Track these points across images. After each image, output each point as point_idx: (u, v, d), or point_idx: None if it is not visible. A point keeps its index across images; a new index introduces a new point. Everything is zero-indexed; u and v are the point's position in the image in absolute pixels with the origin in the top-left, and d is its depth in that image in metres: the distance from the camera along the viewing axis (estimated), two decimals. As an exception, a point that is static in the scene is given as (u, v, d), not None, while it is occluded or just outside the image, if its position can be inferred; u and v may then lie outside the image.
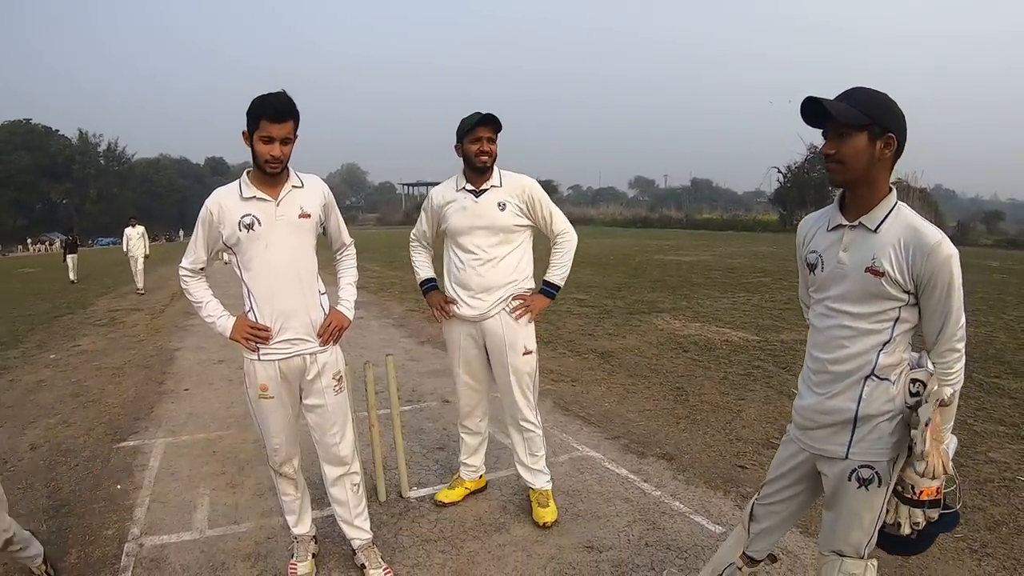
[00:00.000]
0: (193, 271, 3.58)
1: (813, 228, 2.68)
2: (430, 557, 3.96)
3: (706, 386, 7.30)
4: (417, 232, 4.57)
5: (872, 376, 2.45)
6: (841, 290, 2.49)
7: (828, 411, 2.54)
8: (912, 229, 2.36)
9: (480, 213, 4.15)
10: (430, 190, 4.58)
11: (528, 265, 4.31)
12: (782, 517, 2.89)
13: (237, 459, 5.66)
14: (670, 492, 4.70)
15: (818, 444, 2.59)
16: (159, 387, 8.31)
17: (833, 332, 2.53)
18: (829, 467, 2.57)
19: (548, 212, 4.26)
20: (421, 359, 9.16)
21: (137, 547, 4.26)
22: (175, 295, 17.47)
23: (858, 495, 2.51)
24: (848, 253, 2.47)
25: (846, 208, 2.53)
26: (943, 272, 2.32)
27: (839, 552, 2.63)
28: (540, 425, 4.42)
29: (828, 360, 2.54)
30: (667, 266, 20.26)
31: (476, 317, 4.21)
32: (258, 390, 3.48)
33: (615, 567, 3.78)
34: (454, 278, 4.29)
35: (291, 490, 3.77)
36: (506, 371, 4.27)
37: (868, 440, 2.46)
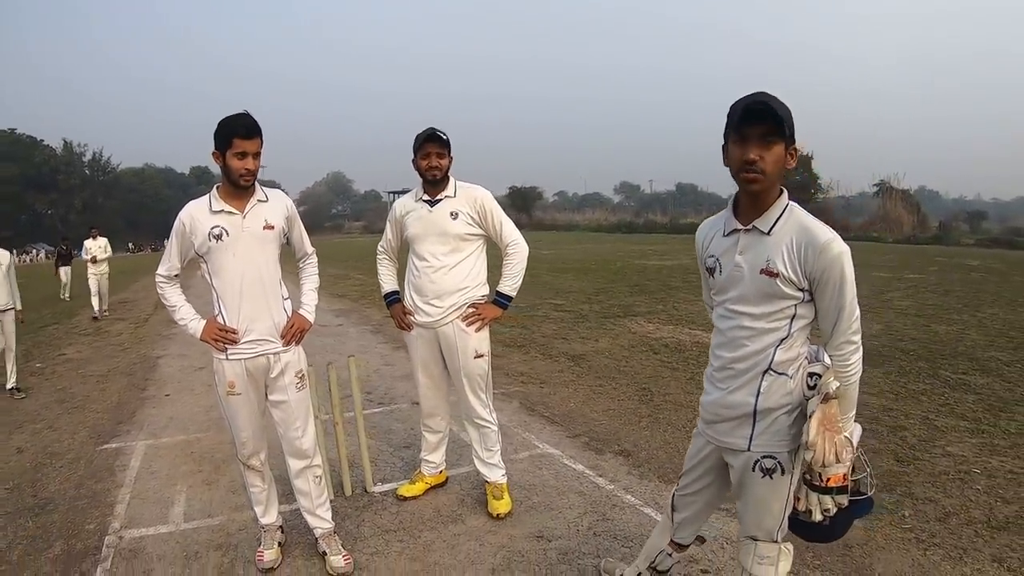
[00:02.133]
0: (168, 278, 3.88)
1: (710, 233, 2.83)
2: (388, 546, 4.20)
3: (672, 386, 7.50)
4: (383, 242, 4.82)
5: (769, 371, 2.58)
6: (739, 292, 2.62)
7: (729, 405, 2.69)
8: (803, 229, 2.49)
9: (433, 221, 4.39)
10: (394, 203, 4.81)
11: (481, 273, 4.53)
12: (699, 506, 3.09)
13: (214, 458, 5.89)
14: (623, 486, 4.91)
15: (722, 437, 2.76)
16: (141, 393, 8.52)
17: (734, 332, 2.67)
18: (734, 459, 2.74)
19: (499, 222, 4.46)
20: (395, 364, 9.34)
21: (117, 539, 4.50)
22: (159, 304, 17.52)
23: (763, 484, 2.66)
24: (744, 256, 2.59)
25: (740, 212, 2.66)
26: (834, 269, 2.42)
27: (753, 537, 2.79)
28: (495, 422, 4.65)
29: (730, 359, 2.69)
30: (647, 271, 20.41)
31: (431, 324, 4.46)
32: (226, 387, 3.78)
33: (562, 555, 4.01)
34: (411, 284, 4.54)
35: (258, 482, 4.04)
36: (459, 373, 4.50)
37: (768, 432, 2.61)
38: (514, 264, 4.51)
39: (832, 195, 51.68)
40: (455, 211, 4.37)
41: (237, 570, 4.04)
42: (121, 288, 22.90)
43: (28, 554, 4.40)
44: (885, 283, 16.03)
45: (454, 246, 4.40)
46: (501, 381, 7.53)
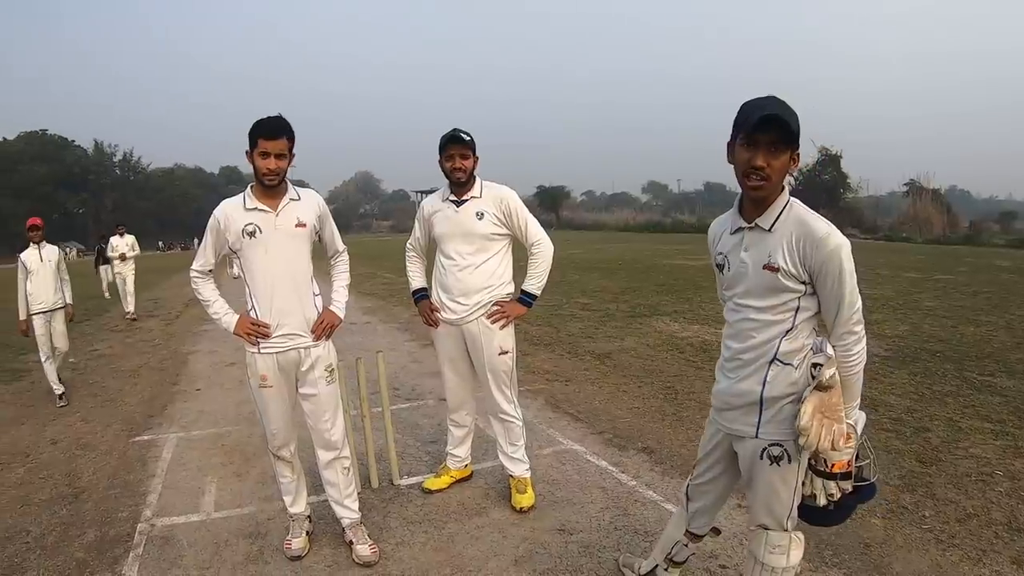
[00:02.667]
0: (202, 273, 4.03)
1: (719, 232, 2.93)
2: (413, 536, 4.30)
3: (697, 385, 7.51)
4: (412, 240, 4.91)
5: (775, 361, 2.66)
6: (745, 287, 2.72)
7: (738, 393, 2.77)
8: (802, 224, 2.56)
9: (460, 222, 4.48)
10: (422, 201, 4.90)
11: (506, 272, 4.60)
12: (713, 495, 3.16)
13: (244, 451, 6.03)
14: (645, 482, 4.97)
15: (731, 424, 2.84)
16: (173, 387, 8.71)
17: (742, 325, 2.77)
18: (742, 446, 2.82)
19: (524, 222, 4.53)
20: (423, 360, 9.42)
21: (149, 527, 4.65)
22: (190, 301, 17.73)
23: (771, 471, 2.72)
24: (748, 253, 2.69)
25: (745, 210, 2.74)
26: (833, 261, 2.50)
27: (764, 526, 2.85)
28: (520, 417, 4.74)
29: (738, 349, 2.78)
30: (674, 270, 20.40)
31: (457, 321, 4.55)
32: (259, 380, 3.90)
33: (583, 548, 4.08)
34: (439, 282, 4.63)
35: (288, 472, 4.17)
36: (484, 369, 4.59)
37: (775, 421, 2.68)
38: (539, 263, 4.57)
39: (861, 195, 51.38)
40: (481, 211, 4.45)
41: (266, 558, 4.16)
42: (152, 286, 23.12)
43: (62, 540, 4.55)
44: (913, 284, 15.88)
45: (480, 245, 4.48)
46: (527, 378, 7.59)
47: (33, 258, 8.23)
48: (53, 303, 8.35)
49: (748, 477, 2.86)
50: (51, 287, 8.33)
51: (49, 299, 8.30)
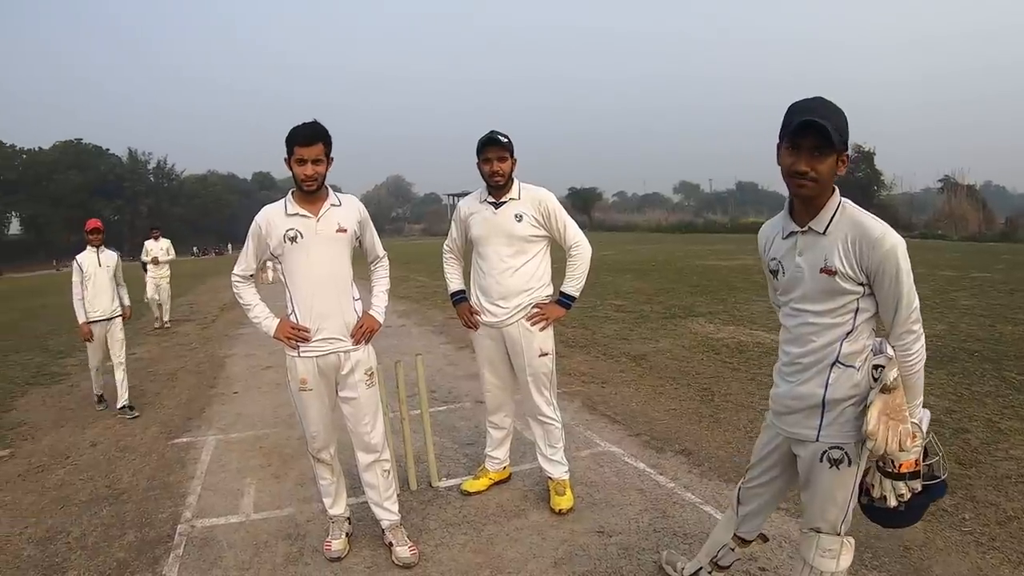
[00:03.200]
0: (244, 277, 4.07)
1: (771, 236, 2.90)
2: (453, 538, 4.31)
3: (733, 387, 7.46)
4: (448, 242, 4.92)
5: (837, 363, 2.63)
6: (802, 292, 2.69)
7: (799, 396, 2.74)
8: (857, 225, 2.54)
9: (498, 224, 4.48)
10: (458, 202, 4.91)
11: (545, 273, 4.60)
12: (765, 499, 3.13)
13: (282, 453, 6.07)
14: (683, 484, 4.94)
15: (792, 428, 2.80)
16: (210, 390, 8.81)
17: (801, 329, 2.73)
18: (802, 449, 2.78)
19: (562, 224, 4.52)
20: (459, 363, 9.48)
21: (189, 528, 4.70)
22: (225, 306, 17.95)
23: (830, 475, 2.70)
24: (803, 257, 2.66)
25: (796, 214, 2.71)
26: (889, 261, 2.47)
27: (817, 529, 2.82)
28: (559, 419, 4.73)
29: (798, 354, 2.75)
30: (708, 271, 20.30)
31: (497, 323, 4.55)
32: (299, 383, 3.93)
33: (622, 550, 4.07)
34: (477, 284, 4.64)
35: (327, 474, 4.19)
36: (524, 371, 4.59)
37: (837, 424, 2.65)
38: (578, 265, 4.56)
39: (896, 192, 50.84)
40: (520, 213, 4.45)
41: (305, 559, 4.18)
42: (188, 290, 23.29)
43: (103, 540, 4.61)
44: (950, 282, 15.65)
45: (519, 248, 4.48)
46: (563, 380, 7.56)
47: (90, 261, 7.92)
48: (111, 311, 8.02)
49: (806, 480, 2.83)
50: (108, 294, 7.98)
51: (106, 306, 7.97)
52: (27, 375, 10.55)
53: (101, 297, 7.93)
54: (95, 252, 8.00)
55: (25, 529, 4.87)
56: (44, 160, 78.00)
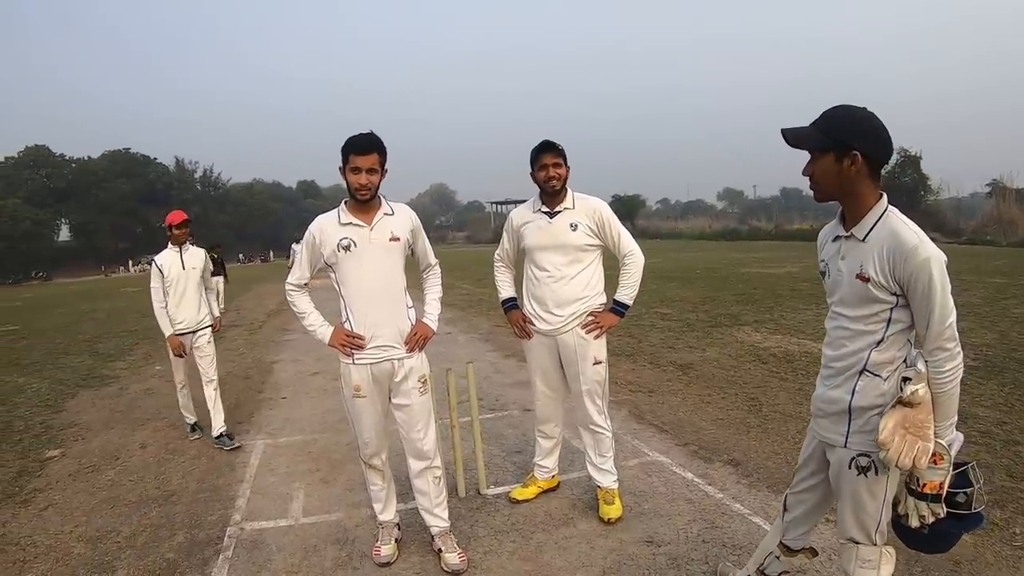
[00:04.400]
0: (298, 286, 4.12)
1: (824, 240, 2.92)
2: (501, 545, 4.32)
3: (781, 397, 7.39)
4: (500, 251, 4.93)
5: (865, 371, 2.65)
6: (840, 295, 2.73)
7: (829, 400, 2.78)
8: (893, 235, 2.53)
9: (554, 233, 4.47)
10: (510, 211, 4.92)
11: (599, 282, 4.59)
12: (809, 505, 3.13)
13: (331, 459, 6.11)
14: (732, 495, 4.90)
15: (823, 432, 2.84)
16: (258, 395, 8.89)
17: (836, 332, 2.77)
18: (833, 454, 2.80)
19: (617, 233, 4.51)
20: (505, 371, 9.48)
21: (238, 531, 4.76)
22: (271, 312, 18.08)
23: (858, 481, 2.71)
24: (844, 262, 2.69)
25: (845, 220, 2.73)
26: (922, 274, 2.45)
27: (852, 539, 2.82)
28: (610, 429, 4.72)
29: (831, 356, 2.79)
30: (753, 279, 20.15)
31: (551, 332, 4.55)
32: (352, 390, 3.98)
33: (671, 560, 4.04)
34: (531, 293, 4.64)
35: (378, 480, 4.23)
36: (578, 379, 4.58)
37: (863, 431, 2.66)
38: (631, 274, 4.56)
39: (943, 196, 50.09)
40: (575, 223, 4.44)
41: (354, 563, 4.22)
42: (234, 296, 23.39)
43: (152, 540, 4.69)
44: (1000, 289, 15.32)
45: (574, 257, 4.48)
46: (610, 389, 7.15)
47: (172, 263, 6.81)
48: (197, 322, 6.97)
49: (836, 487, 2.84)
50: (195, 301, 6.93)
51: (192, 316, 6.91)
52: (77, 377, 10.73)
53: (187, 305, 6.86)
54: (177, 252, 6.85)
55: (75, 528, 4.96)
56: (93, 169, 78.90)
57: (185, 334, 6.88)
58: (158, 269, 6.81)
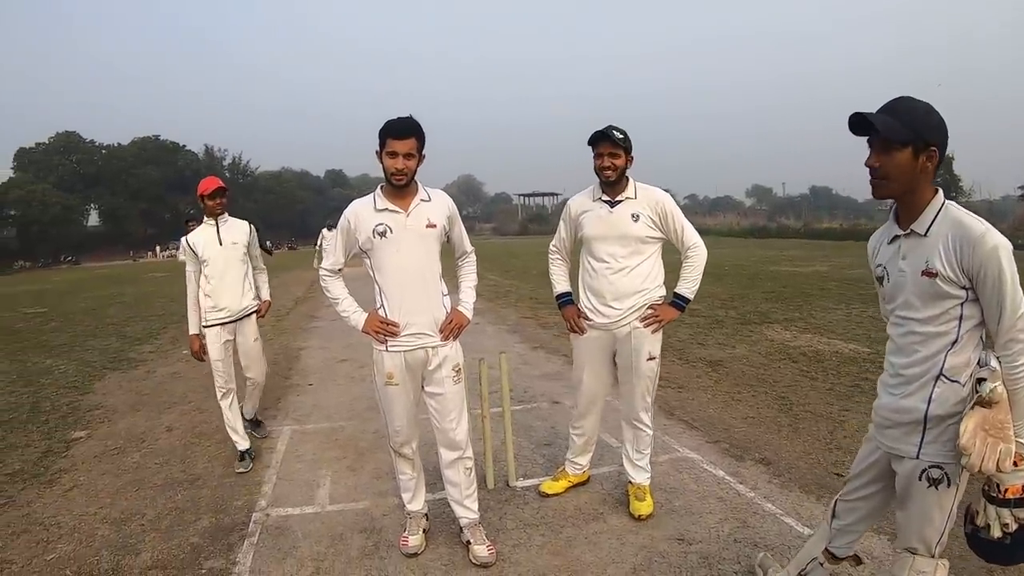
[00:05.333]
0: (332, 272, 4.07)
1: (877, 243, 2.82)
2: (530, 539, 4.26)
3: (811, 396, 7.29)
4: (556, 241, 4.81)
5: (941, 377, 2.52)
6: (905, 297, 2.60)
7: (901, 410, 2.64)
8: (958, 224, 2.44)
9: (614, 223, 4.36)
10: (568, 199, 4.80)
11: (659, 275, 4.48)
12: (862, 514, 3.03)
13: (357, 446, 6.08)
14: (763, 494, 4.82)
15: (892, 443, 2.70)
16: (285, 381, 8.86)
17: (904, 339, 2.64)
18: (901, 466, 2.67)
19: (680, 226, 4.41)
20: (534, 363, 9.42)
21: (264, 516, 4.74)
22: (299, 299, 18.10)
23: (928, 494, 2.59)
24: (906, 261, 2.58)
25: (900, 217, 2.64)
26: (991, 262, 2.37)
27: (912, 550, 2.72)
28: (651, 427, 4.63)
29: (901, 365, 2.66)
30: (782, 277, 19.95)
31: (608, 326, 4.44)
32: (385, 377, 3.93)
33: (702, 559, 3.98)
34: (587, 285, 4.53)
35: (408, 469, 4.19)
36: (630, 374, 4.48)
37: (939, 442, 2.54)
38: (694, 267, 4.46)
39: (974, 198, 49.47)
40: (636, 213, 4.34)
41: (381, 553, 4.17)
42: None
43: (177, 524, 4.68)
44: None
45: (634, 248, 4.37)
46: None
47: (208, 239, 5.75)
48: (242, 307, 5.91)
49: (902, 498, 2.73)
50: (238, 283, 5.85)
51: (235, 301, 5.83)
52: (105, 360, 10.80)
53: (228, 289, 5.78)
54: (213, 226, 5.81)
55: (100, 509, 4.97)
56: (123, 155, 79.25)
57: (226, 324, 5.80)
58: (190, 249, 5.68)
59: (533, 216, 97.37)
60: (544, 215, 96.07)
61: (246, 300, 5.93)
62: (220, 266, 5.73)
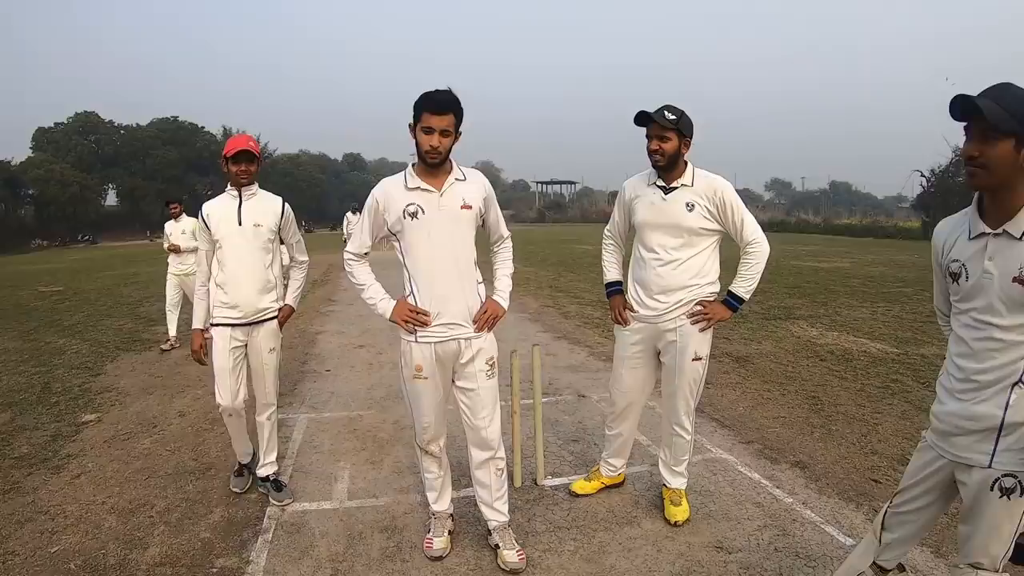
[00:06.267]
0: (357, 256, 3.83)
1: (952, 235, 2.60)
2: (562, 544, 4.05)
3: (842, 397, 7.11)
4: (611, 226, 4.55)
5: (1020, 383, 2.36)
6: (987, 301, 2.41)
7: (973, 417, 2.46)
8: None
9: (666, 211, 4.06)
10: (624, 182, 4.47)
11: (713, 270, 4.18)
12: (915, 527, 2.84)
13: (377, 438, 5.89)
14: (802, 500, 4.63)
15: (959, 452, 2.53)
16: (302, 367, 8.68)
17: (981, 344, 2.45)
18: (969, 476, 2.51)
19: (739, 218, 4.08)
20: (557, 354, 9.22)
21: (279, 511, 4.54)
22: (315, 282, 17.98)
23: (1000, 505, 2.44)
24: (993, 262, 2.38)
25: (986, 214, 2.43)
26: None
27: (977, 565, 2.56)
28: (692, 432, 4.40)
29: (974, 370, 2.47)
30: (804, 272, 19.70)
31: (652, 319, 4.18)
32: (413, 371, 3.68)
33: (744, 569, 3.78)
34: (635, 275, 4.27)
35: (434, 468, 3.97)
36: (673, 374, 4.22)
37: (1013, 449, 2.39)
38: (753, 264, 4.15)
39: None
40: (691, 202, 4.02)
41: (403, 555, 3.97)
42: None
43: (187, 517, 4.49)
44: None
45: (687, 240, 4.06)
46: None
47: (224, 214, 4.59)
48: (258, 309, 4.65)
49: (969, 509, 2.55)
50: (257, 277, 4.62)
51: (251, 300, 4.60)
52: (118, 340, 10.72)
53: (243, 282, 4.57)
54: (236, 198, 4.62)
55: (108, 499, 4.79)
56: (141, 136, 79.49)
57: (238, 325, 4.63)
58: (203, 222, 4.58)
59: (551, 204, 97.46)
60: (561, 203, 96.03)
61: (266, 299, 4.67)
62: (236, 251, 4.55)
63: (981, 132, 2.29)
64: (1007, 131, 2.25)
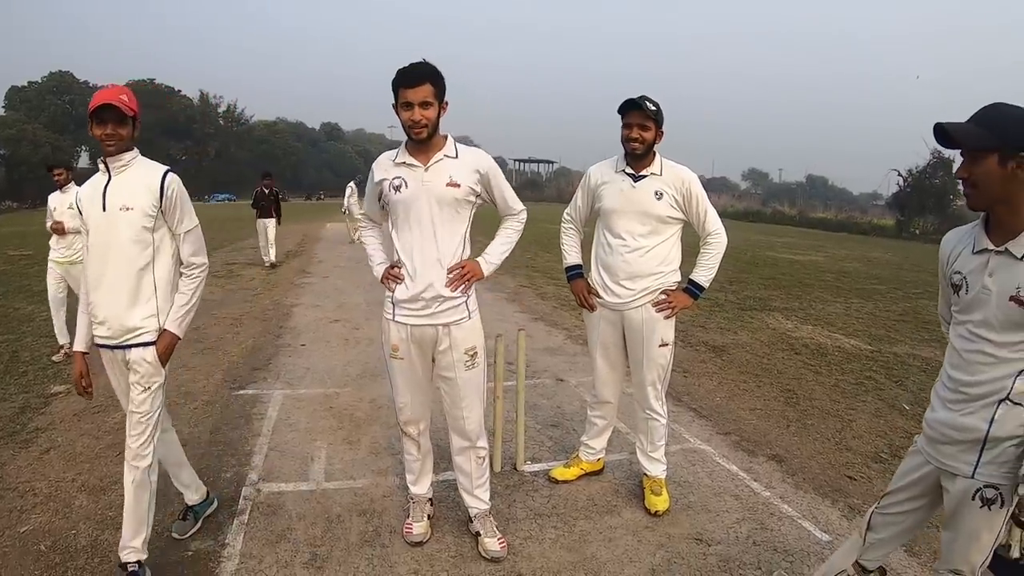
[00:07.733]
0: (368, 220, 3.92)
1: (958, 247, 2.61)
2: (542, 531, 4.04)
3: (817, 391, 7.15)
4: (571, 210, 4.55)
5: (1007, 400, 2.38)
6: (983, 316, 2.42)
7: (960, 428, 2.48)
8: None
9: (635, 199, 4.09)
10: (589, 168, 4.50)
11: (676, 258, 4.25)
12: (899, 529, 2.86)
13: (354, 417, 5.83)
14: (779, 494, 4.65)
15: (945, 459, 2.55)
16: (276, 340, 8.61)
17: (972, 356, 2.46)
18: (953, 484, 2.53)
19: (703, 209, 4.16)
20: (535, 336, 9.17)
21: (255, 492, 4.47)
22: (289, 252, 17.89)
23: (980, 515, 2.46)
24: (993, 279, 2.39)
25: (991, 230, 2.44)
26: None
27: (956, 571, 2.60)
28: (665, 416, 4.42)
29: (964, 382, 2.49)
30: (779, 264, 19.84)
31: (618, 306, 4.21)
32: (390, 348, 3.64)
33: (723, 562, 3.79)
34: (600, 261, 4.28)
35: (413, 450, 3.92)
36: (640, 360, 4.26)
37: (996, 462, 2.41)
38: (713, 255, 4.24)
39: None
40: (660, 191, 4.06)
41: (382, 540, 3.93)
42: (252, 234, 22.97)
43: (160, 496, 4.17)
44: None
45: (653, 227, 4.11)
46: None
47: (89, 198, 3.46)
48: (126, 330, 3.38)
49: (951, 517, 2.59)
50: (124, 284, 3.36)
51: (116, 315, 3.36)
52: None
53: (105, 290, 3.37)
54: (104, 174, 3.54)
55: (78, 475, 4.68)
56: (115, 98, 78.89)
57: (105, 347, 3.45)
58: (76, 208, 3.53)
59: (527, 182, 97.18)
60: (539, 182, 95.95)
61: (136, 315, 3.38)
62: (98, 248, 3.37)
63: (969, 153, 2.33)
64: (987, 147, 2.28)
